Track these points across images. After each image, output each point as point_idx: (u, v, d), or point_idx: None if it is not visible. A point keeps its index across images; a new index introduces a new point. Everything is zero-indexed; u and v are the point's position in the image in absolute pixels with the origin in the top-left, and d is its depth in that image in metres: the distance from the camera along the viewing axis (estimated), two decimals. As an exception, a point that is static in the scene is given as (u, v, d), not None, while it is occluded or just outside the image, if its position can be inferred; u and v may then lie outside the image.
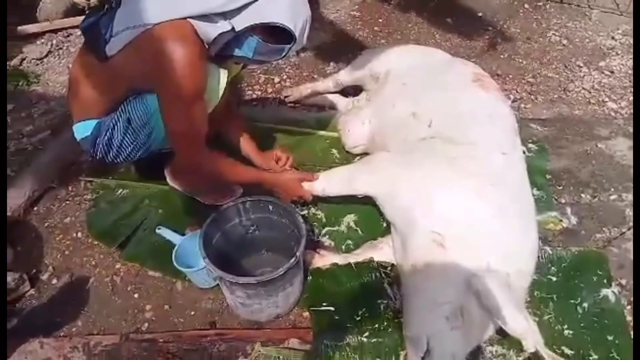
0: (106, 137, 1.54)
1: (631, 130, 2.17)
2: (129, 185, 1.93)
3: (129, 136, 1.53)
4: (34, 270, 1.70)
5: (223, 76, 1.48)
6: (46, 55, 2.66)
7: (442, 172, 1.50)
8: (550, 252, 1.67)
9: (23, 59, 2.61)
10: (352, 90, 2.31)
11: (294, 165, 1.85)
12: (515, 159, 1.59)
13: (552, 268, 1.64)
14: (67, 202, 1.92)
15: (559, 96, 2.51)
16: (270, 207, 1.57)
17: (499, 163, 1.53)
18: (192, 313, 1.61)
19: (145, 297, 1.65)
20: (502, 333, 1.41)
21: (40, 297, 1.64)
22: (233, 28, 1.35)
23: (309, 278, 1.64)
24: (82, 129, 1.58)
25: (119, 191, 1.91)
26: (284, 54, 1.43)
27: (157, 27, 1.32)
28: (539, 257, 1.62)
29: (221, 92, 1.49)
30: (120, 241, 1.74)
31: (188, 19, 1.34)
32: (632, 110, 2.37)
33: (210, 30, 1.35)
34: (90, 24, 1.47)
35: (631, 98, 2.45)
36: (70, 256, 1.76)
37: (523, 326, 1.24)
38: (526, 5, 3.20)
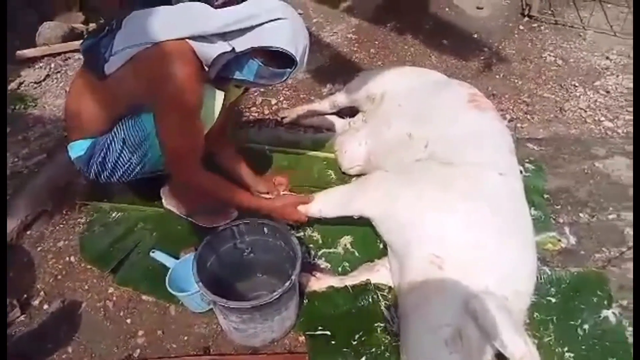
0: (100, 157, 1.53)
1: (628, 148, 2.16)
2: (123, 208, 1.91)
3: (123, 156, 1.52)
4: (25, 296, 1.67)
5: (219, 99, 1.48)
6: (44, 79, 2.67)
7: (439, 194, 1.48)
8: (549, 272, 1.65)
9: (21, 83, 2.62)
10: (348, 112, 2.32)
11: (290, 187, 1.84)
12: (512, 179, 1.58)
13: (552, 289, 1.61)
14: (61, 225, 1.90)
15: (555, 115, 2.52)
16: (265, 230, 1.55)
17: (496, 183, 1.52)
18: (186, 338, 1.58)
19: (138, 323, 1.61)
20: (500, 357, 1.38)
21: (31, 323, 1.61)
22: (233, 49, 1.36)
23: (305, 301, 1.61)
24: (77, 148, 1.57)
25: (114, 214, 1.89)
26: (285, 77, 1.43)
27: (156, 45, 1.35)
28: (537, 278, 1.61)
29: (217, 114, 1.49)
30: (113, 265, 1.72)
31: (187, 40, 1.35)
32: (628, 129, 2.37)
33: (209, 51, 1.36)
34: (91, 44, 1.48)
35: (627, 117, 2.46)
36: (62, 281, 1.73)
37: (522, 350, 1.21)
38: (521, 27, 3.23)
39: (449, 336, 1.31)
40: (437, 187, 1.51)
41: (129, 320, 1.62)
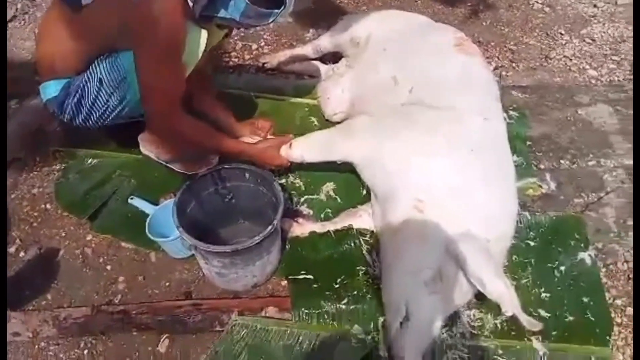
0: (76, 98, 1.46)
1: (611, 96, 2.16)
2: (99, 155, 1.85)
3: (100, 97, 1.45)
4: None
5: (203, 38, 1.41)
6: (10, 20, 2.53)
7: (424, 138, 1.47)
8: (529, 217, 1.67)
9: (-15, 25, 2.48)
10: (332, 57, 2.25)
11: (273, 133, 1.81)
12: (496, 124, 1.57)
13: (531, 233, 1.64)
14: (35, 172, 1.84)
15: (540, 64, 2.49)
16: (247, 175, 1.52)
17: (480, 128, 1.51)
18: (167, 284, 1.57)
19: (117, 269, 1.60)
20: (480, 297, 1.41)
21: (8, 271, 1.58)
22: None
23: (288, 247, 1.61)
24: (50, 89, 1.49)
25: (89, 161, 1.84)
26: (271, 19, 1.37)
27: None
28: (517, 222, 1.62)
29: (200, 54, 1.42)
30: (90, 212, 1.68)
31: None
32: (612, 78, 2.36)
33: None
34: None
35: (611, 66, 2.44)
36: (38, 228, 1.70)
37: (501, 290, 1.24)
38: (509, -28, 3.13)
39: (429, 277, 1.32)
40: (423, 132, 1.49)
41: (108, 267, 1.60)
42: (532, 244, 1.62)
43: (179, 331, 1.45)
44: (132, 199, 1.63)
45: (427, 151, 1.44)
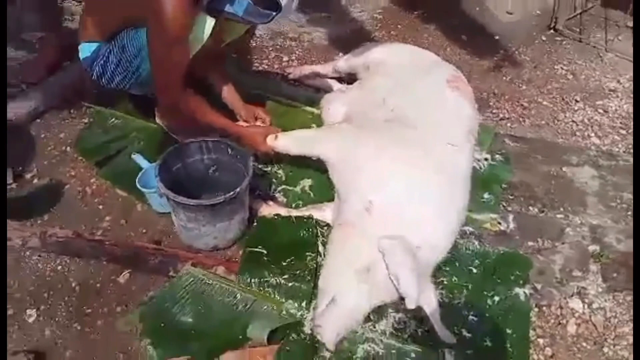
0: (102, 61, 1.75)
1: (601, 162, 2.23)
2: (122, 116, 2.15)
3: (122, 64, 1.72)
4: (21, 169, 1.93)
5: (209, 24, 1.65)
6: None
7: (390, 150, 1.64)
8: (478, 246, 1.76)
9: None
10: (348, 79, 2.46)
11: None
12: (460, 153, 1.71)
13: (476, 261, 1.73)
14: (66, 121, 2.15)
15: (547, 123, 2.58)
16: (230, 150, 1.74)
17: (443, 152, 1.66)
18: (144, 231, 1.79)
19: (107, 210, 1.85)
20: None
21: (20, 191, 1.87)
22: None
23: (254, 224, 1.79)
24: (85, 50, 1.79)
25: (112, 120, 2.13)
26: (269, 19, 1.60)
27: None
28: (465, 248, 1.75)
29: (205, 38, 1.66)
30: (100, 159, 1.95)
31: None
32: (613, 148, 2.42)
33: None
34: None
35: (616, 137, 2.50)
36: (55, 165, 1.99)
37: (412, 293, 1.35)
38: (544, 37, 3.27)
39: (361, 268, 1.47)
40: (393, 143, 1.66)
41: (100, 207, 1.86)
42: (474, 270, 1.71)
43: (139, 269, 1.66)
44: (134, 154, 1.88)
45: (386, 161, 1.60)
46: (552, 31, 3.33)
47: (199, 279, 1.60)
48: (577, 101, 2.76)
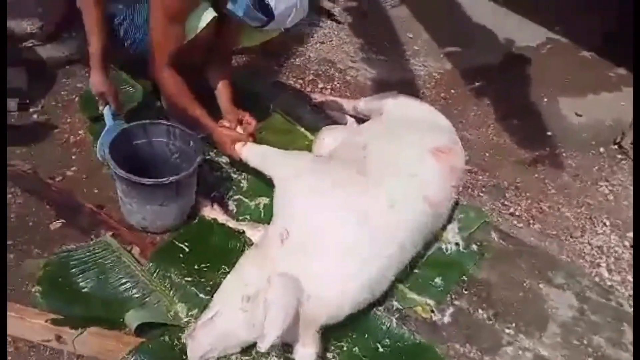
0: (118, 21, 1.89)
1: (588, 294, 1.98)
2: (134, 84, 2.26)
3: (132, 29, 1.88)
4: (27, 101, 2.11)
5: (208, 16, 1.72)
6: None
7: (323, 189, 1.60)
8: (395, 326, 1.63)
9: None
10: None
11: (255, 137, 2.03)
12: (404, 220, 1.62)
13: (386, 340, 1.60)
14: (83, 76, 2.30)
15: (558, 235, 2.35)
16: (191, 143, 1.77)
17: (381, 210, 1.58)
18: (97, 192, 1.88)
19: (76, 163, 1.96)
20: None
21: (18, 119, 2.05)
22: None
23: (194, 222, 1.81)
24: (108, 10, 1.93)
25: (125, 86, 2.26)
26: (261, 24, 1.65)
27: None
28: (381, 324, 1.63)
29: (200, 28, 1.73)
30: (93, 116, 2.07)
31: None
32: (618, 287, 2.14)
33: None
34: None
35: (629, 277, 2.22)
36: (59, 109, 2.16)
37: (273, 330, 1.28)
38: (602, 149, 2.98)
39: (249, 294, 1.42)
40: (333, 184, 1.62)
41: (73, 157, 1.98)
42: (380, 349, 1.58)
43: (71, 223, 1.74)
44: (106, 108, 1.90)
45: (315, 198, 1.57)
46: (615, 146, 3.04)
47: (111, 250, 1.64)
48: (605, 225, 2.48)
